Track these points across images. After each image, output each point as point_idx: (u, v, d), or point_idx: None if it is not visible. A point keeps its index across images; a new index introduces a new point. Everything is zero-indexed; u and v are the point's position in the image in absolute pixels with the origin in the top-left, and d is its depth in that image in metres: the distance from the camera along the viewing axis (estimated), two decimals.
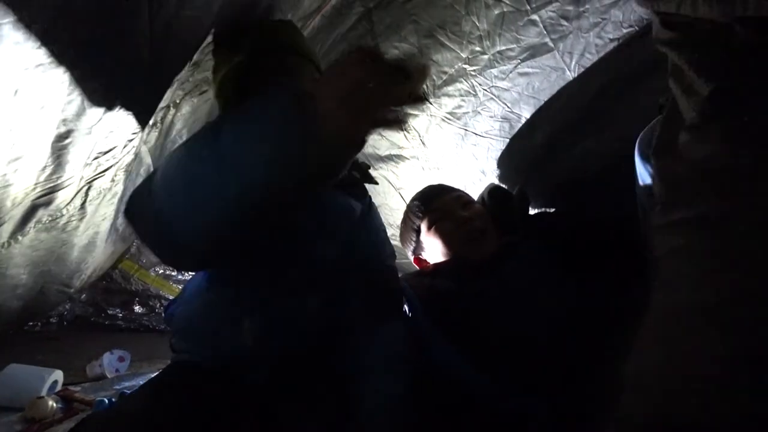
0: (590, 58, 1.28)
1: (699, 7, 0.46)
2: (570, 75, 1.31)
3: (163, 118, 1.11)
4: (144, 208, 0.62)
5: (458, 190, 1.16)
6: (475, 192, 1.39)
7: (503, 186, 1.18)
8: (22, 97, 0.63)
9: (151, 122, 1.05)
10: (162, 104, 1.04)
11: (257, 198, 0.54)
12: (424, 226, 1.07)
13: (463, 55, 1.35)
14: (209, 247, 0.61)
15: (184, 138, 1.31)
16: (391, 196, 1.73)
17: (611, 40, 1.21)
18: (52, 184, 0.86)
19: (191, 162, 0.57)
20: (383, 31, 1.43)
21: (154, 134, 1.14)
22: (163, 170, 0.60)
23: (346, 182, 0.91)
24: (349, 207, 0.86)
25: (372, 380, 0.73)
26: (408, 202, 1.19)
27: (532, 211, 1.41)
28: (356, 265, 0.82)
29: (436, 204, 1.08)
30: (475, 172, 1.61)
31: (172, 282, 1.99)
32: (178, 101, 1.13)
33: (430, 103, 1.44)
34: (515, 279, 0.88)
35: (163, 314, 0.90)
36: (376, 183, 1.06)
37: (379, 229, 0.95)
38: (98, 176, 0.98)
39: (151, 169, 1.27)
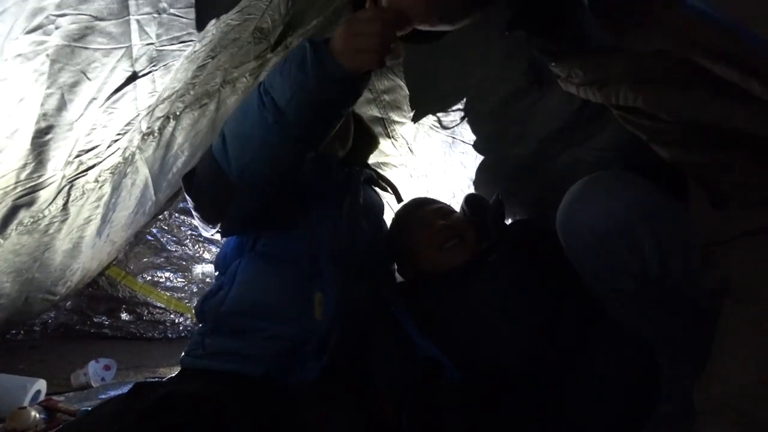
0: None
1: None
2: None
3: (161, 129, 1.12)
4: (201, 171, 0.79)
5: (439, 202, 1.19)
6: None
7: (478, 194, 1.21)
8: (1, 90, 0.62)
9: (147, 130, 1.05)
10: (160, 114, 1.05)
11: (292, 119, 0.69)
12: (404, 238, 1.10)
13: None
14: (255, 181, 0.75)
15: (186, 153, 1.36)
16: None
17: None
18: (33, 183, 0.85)
19: (241, 107, 0.75)
20: None
21: (152, 144, 1.15)
22: (221, 130, 0.77)
23: (373, 182, 1.12)
24: (379, 201, 1.08)
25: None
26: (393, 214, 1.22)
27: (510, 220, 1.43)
28: (379, 258, 1.02)
29: (415, 215, 1.11)
30: (463, 179, 1.62)
31: (160, 289, 1.97)
32: (178, 113, 1.15)
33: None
34: (490, 286, 0.91)
35: (198, 309, 0.92)
36: (386, 189, 1.17)
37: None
38: (81, 175, 0.97)
39: (150, 180, 1.29)
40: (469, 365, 0.84)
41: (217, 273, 1.03)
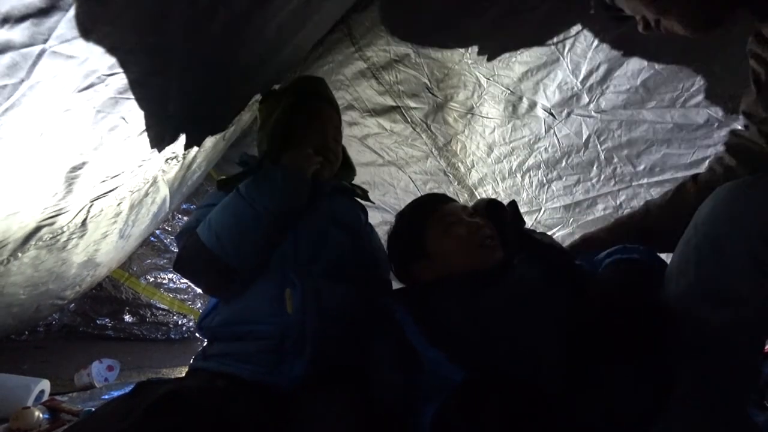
0: (581, 46, 1.32)
1: None
2: (564, 62, 1.36)
3: (185, 154, 1.16)
4: (194, 258, 0.92)
5: (457, 201, 1.14)
6: None
7: (495, 199, 1.16)
8: (46, 138, 0.64)
9: (171, 155, 1.09)
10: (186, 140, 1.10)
11: (271, 219, 0.92)
12: (431, 233, 1.00)
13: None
14: (252, 262, 0.92)
15: (203, 169, 1.43)
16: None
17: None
18: (59, 208, 0.87)
19: (229, 211, 0.92)
20: (363, 35, 1.49)
21: (175, 167, 1.18)
22: (209, 226, 0.91)
23: (352, 193, 1.17)
24: (355, 210, 1.13)
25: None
26: (400, 212, 1.10)
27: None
28: (361, 264, 1.04)
29: (442, 212, 1.02)
30: (483, 148, 1.69)
31: (163, 290, 1.97)
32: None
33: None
34: (514, 293, 0.87)
35: (197, 326, 1.01)
36: (373, 203, 1.22)
37: (380, 247, 1.12)
38: (102, 196, 0.99)
39: (168, 198, 1.33)
40: (482, 375, 0.81)
41: None
